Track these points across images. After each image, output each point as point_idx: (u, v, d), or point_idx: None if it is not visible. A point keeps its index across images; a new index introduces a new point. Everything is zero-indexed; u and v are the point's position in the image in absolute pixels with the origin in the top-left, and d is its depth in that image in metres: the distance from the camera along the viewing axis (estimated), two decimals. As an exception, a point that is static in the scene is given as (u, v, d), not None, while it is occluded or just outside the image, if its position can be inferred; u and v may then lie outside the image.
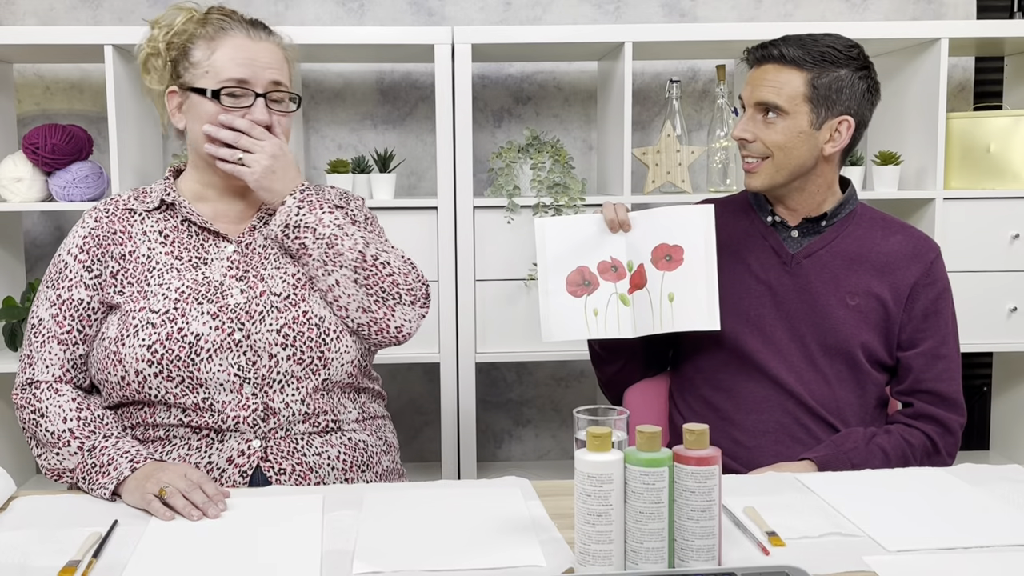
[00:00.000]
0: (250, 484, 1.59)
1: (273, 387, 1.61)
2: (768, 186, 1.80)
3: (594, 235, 1.79)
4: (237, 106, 1.63)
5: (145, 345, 1.57)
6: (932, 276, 1.81)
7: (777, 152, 1.77)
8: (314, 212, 1.65)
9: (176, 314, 1.59)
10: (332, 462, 1.64)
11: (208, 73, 1.62)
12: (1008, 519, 1.35)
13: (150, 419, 1.61)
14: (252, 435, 1.61)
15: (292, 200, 1.64)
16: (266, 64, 1.64)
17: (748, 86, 1.79)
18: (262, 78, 1.63)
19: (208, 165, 1.67)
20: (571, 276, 1.78)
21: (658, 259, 1.77)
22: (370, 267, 1.65)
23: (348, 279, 1.64)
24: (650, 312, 1.77)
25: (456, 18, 2.93)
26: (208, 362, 1.58)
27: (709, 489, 1.17)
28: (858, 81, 1.76)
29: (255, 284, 1.64)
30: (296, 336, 1.61)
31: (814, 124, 1.75)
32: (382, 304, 1.65)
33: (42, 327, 1.63)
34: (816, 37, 1.76)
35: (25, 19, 2.87)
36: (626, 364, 1.94)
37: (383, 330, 1.67)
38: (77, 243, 1.66)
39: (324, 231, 1.64)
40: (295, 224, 1.64)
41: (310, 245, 1.64)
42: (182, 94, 1.66)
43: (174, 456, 1.60)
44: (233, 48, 1.63)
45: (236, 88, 1.62)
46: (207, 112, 1.62)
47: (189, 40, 1.64)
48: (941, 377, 1.79)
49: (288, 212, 1.64)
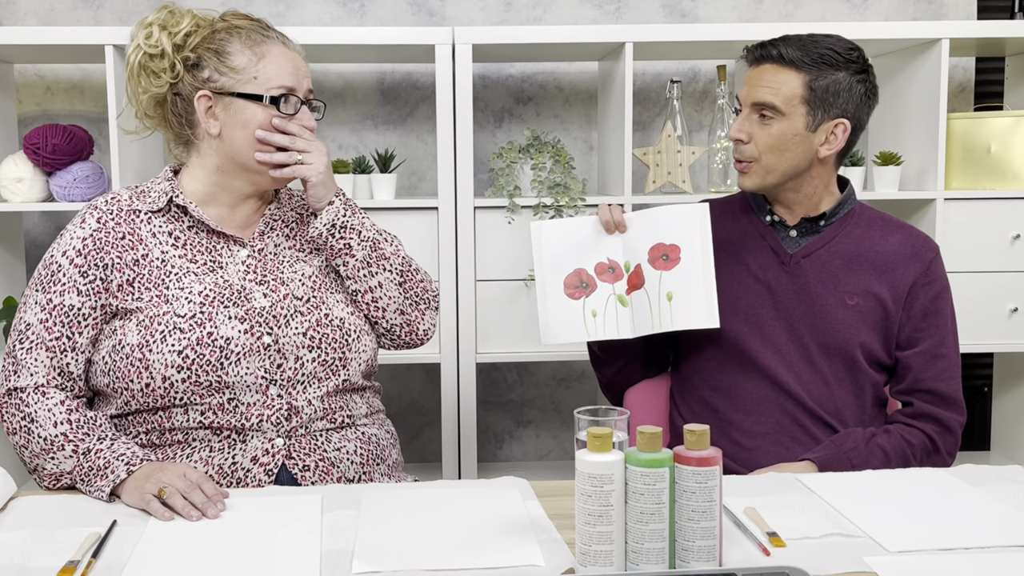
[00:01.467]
0: (276, 482, 1.60)
1: (296, 388, 1.62)
2: (760, 186, 1.80)
3: (590, 237, 1.79)
4: (288, 112, 1.65)
5: (175, 350, 1.56)
6: (931, 275, 1.81)
7: (766, 155, 1.76)
8: (357, 216, 1.72)
9: (203, 318, 1.59)
10: (351, 456, 1.66)
11: (257, 79, 1.63)
12: (1009, 520, 1.35)
13: (166, 423, 1.60)
14: (275, 434, 1.61)
15: (339, 201, 1.70)
16: (305, 72, 1.69)
17: (746, 86, 1.79)
18: (303, 86, 1.67)
19: (239, 169, 1.67)
20: (568, 278, 1.79)
21: (655, 259, 1.77)
22: (408, 271, 1.75)
23: (392, 282, 1.72)
24: (649, 312, 1.77)
25: (457, 18, 2.93)
26: (236, 365, 1.58)
27: (710, 490, 1.17)
28: (856, 84, 1.76)
29: (276, 288, 1.65)
30: (321, 338, 1.64)
31: (810, 126, 1.75)
32: (415, 308, 1.76)
33: (30, 332, 1.59)
34: (816, 38, 1.76)
35: (26, 19, 2.87)
36: (626, 365, 1.93)
37: (413, 332, 1.77)
38: (75, 246, 1.62)
39: (368, 234, 1.71)
40: (342, 224, 1.69)
41: (355, 246, 1.69)
42: (217, 99, 1.64)
43: (195, 459, 1.59)
44: (279, 56, 1.65)
45: (288, 93, 1.65)
46: (256, 118, 1.63)
47: (222, 43, 1.64)
48: (940, 376, 1.79)
49: (336, 212, 1.69)
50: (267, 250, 1.70)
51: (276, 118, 1.63)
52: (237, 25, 1.66)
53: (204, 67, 1.64)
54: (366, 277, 1.70)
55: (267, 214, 1.73)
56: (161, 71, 1.65)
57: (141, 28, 1.67)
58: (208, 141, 1.67)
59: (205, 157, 1.69)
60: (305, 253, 1.73)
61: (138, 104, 1.69)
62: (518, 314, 2.59)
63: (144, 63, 1.66)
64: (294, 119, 1.65)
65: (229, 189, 1.69)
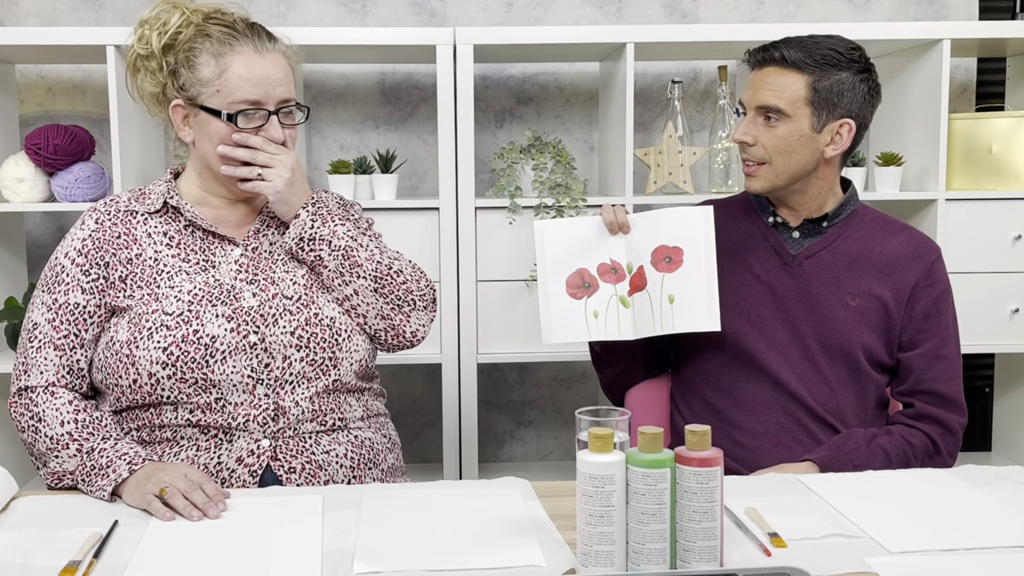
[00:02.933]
0: (260, 484, 1.59)
1: (284, 388, 1.62)
2: (768, 189, 1.80)
3: (593, 237, 1.79)
4: (251, 126, 1.62)
5: (160, 347, 1.57)
6: (933, 277, 1.81)
7: (776, 157, 1.76)
8: (327, 224, 1.67)
9: (190, 316, 1.59)
10: (340, 460, 1.65)
11: (220, 92, 1.60)
12: (1010, 520, 1.35)
13: (156, 420, 1.61)
14: (261, 434, 1.61)
15: (306, 214, 1.67)
16: (276, 81, 1.63)
17: (749, 89, 1.79)
18: (273, 97, 1.63)
19: (216, 177, 1.67)
20: (571, 278, 1.78)
21: (658, 261, 1.77)
22: (386, 276, 1.69)
23: (367, 289, 1.68)
24: (650, 314, 1.77)
25: (458, 19, 2.93)
26: (222, 364, 1.58)
27: (711, 490, 1.17)
28: (859, 84, 1.76)
29: (266, 287, 1.65)
30: (310, 337, 1.63)
31: (815, 127, 1.75)
32: (398, 311, 1.70)
33: (38, 332, 1.62)
34: (818, 39, 1.76)
35: (27, 20, 2.88)
36: (627, 366, 1.93)
37: (400, 335, 1.72)
38: (75, 246, 1.65)
39: (339, 243, 1.67)
40: (310, 237, 1.66)
41: (326, 257, 1.67)
42: (189, 108, 1.64)
43: (182, 457, 1.60)
44: (244, 66, 1.60)
45: (249, 108, 1.61)
46: (219, 132, 1.62)
47: (192, 52, 1.62)
48: (942, 378, 1.79)
49: (303, 226, 1.66)
50: (261, 249, 1.70)
51: (236, 133, 1.61)
52: (207, 32, 1.63)
53: (180, 74, 1.63)
54: (341, 286, 1.68)
55: (263, 213, 1.73)
56: (155, 70, 1.65)
57: (137, 26, 1.67)
58: (190, 147, 1.68)
59: (193, 161, 1.71)
60: None
61: (144, 100, 1.70)
62: (519, 314, 2.59)
63: (137, 63, 1.67)
64: (261, 131, 1.63)
65: (216, 193, 1.71)
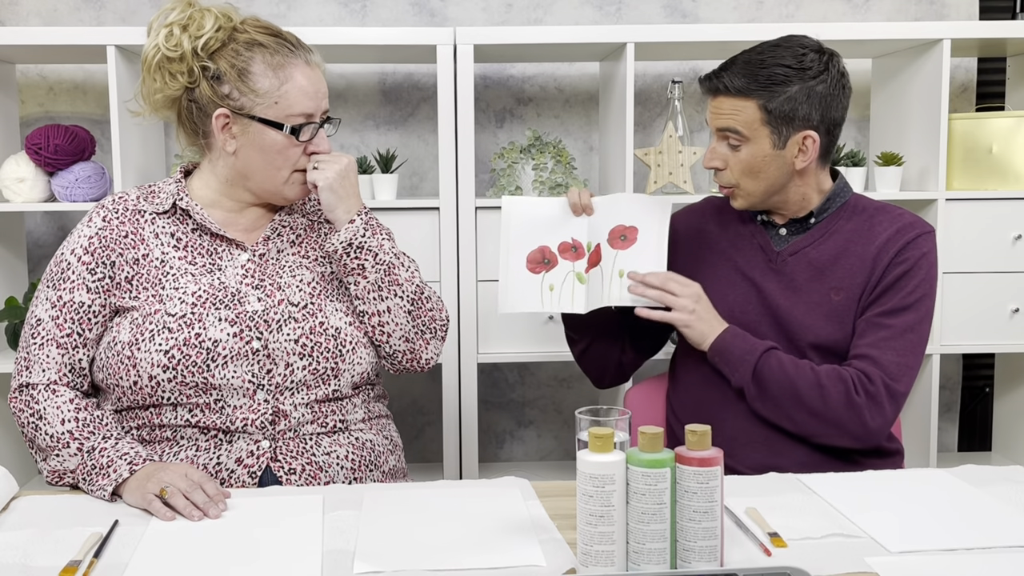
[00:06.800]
0: (260, 484, 1.59)
1: (284, 393, 1.62)
2: (747, 207, 1.83)
3: (558, 216, 1.85)
4: (305, 138, 1.64)
5: (162, 350, 1.56)
6: (906, 253, 1.76)
7: (744, 181, 1.78)
8: (376, 236, 1.68)
9: (193, 319, 1.59)
10: (341, 461, 1.65)
11: (277, 104, 1.61)
12: (1010, 520, 1.35)
13: (156, 420, 1.61)
14: (261, 436, 1.61)
15: (360, 220, 1.67)
16: (324, 94, 1.66)
17: (709, 114, 1.80)
18: (321, 108, 1.66)
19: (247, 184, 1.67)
20: (532, 254, 1.84)
21: (614, 238, 1.83)
22: (420, 299, 1.70)
23: (402, 309, 1.68)
24: (600, 287, 1.83)
25: (458, 19, 2.93)
26: (223, 368, 1.58)
27: (711, 490, 1.17)
28: (815, 90, 1.72)
29: (272, 292, 1.64)
30: (314, 346, 1.62)
31: (777, 145, 1.75)
32: (420, 336, 1.72)
33: (41, 328, 1.61)
34: (764, 57, 1.74)
35: (28, 19, 2.88)
36: (592, 343, 1.95)
37: (415, 360, 1.73)
38: (82, 244, 1.64)
39: (384, 257, 1.67)
40: (359, 245, 1.66)
41: (368, 268, 1.66)
42: (235, 118, 1.62)
43: (181, 457, 1.59)
44: (302, 79, 1.62)
45: (306, 121, 1.63)
46: (276, 144, 1.62)
47: (242, 60, 1.61)
48: (878, 344, 1.73)
49: (355, 231, 1.66)
50: (269, 255, 1.69)
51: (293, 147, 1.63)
52: (260, 42, 1.62)
53: (224, 82, 1.61)
54: (375, 300, 1.67)
55: (275, 220, 1.72)
56: (179, 73, 1.62)
57: (162, 27, 1.63)
58: (221, 154, 1.66)
59: (216, 167, 1.68)
60: (310, 260, 1.72)
61: (151, 102, 1.67)
62: (519, 314, 2.59)
63: (161, 64, 1.63)
64: (310, 145, 1.65)
65: (236, 198, 1.70)
